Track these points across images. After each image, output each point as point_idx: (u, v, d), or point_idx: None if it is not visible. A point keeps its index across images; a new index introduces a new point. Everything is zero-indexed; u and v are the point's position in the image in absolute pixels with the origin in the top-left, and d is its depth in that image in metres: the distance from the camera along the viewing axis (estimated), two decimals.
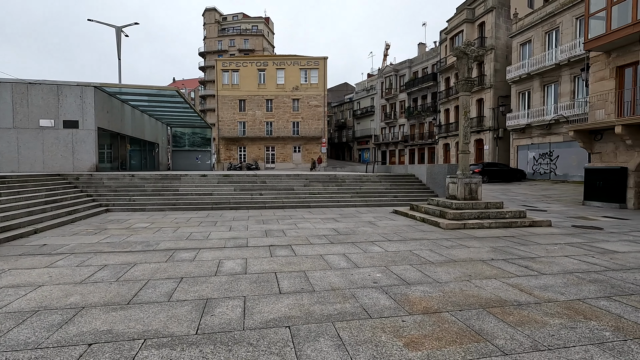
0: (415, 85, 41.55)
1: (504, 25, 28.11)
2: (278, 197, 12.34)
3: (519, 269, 4.77)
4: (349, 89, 68.57)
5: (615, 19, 11.76)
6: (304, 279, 4.28)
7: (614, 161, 12.25)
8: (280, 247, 6.01)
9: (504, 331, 2.92)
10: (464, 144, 9.32)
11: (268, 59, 43.69)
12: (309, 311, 3.31)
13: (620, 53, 12.24)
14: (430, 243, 6.38)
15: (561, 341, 2.76)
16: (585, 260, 5.21)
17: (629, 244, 6.41)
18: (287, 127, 42.18)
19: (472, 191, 9.17)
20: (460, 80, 9.25)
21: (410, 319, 3.15)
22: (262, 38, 66.93)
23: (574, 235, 7.18)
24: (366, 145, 53.67)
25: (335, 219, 9.23)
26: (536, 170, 24.38)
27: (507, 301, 3.59)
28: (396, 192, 13.84)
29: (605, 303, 3.55)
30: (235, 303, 3.49)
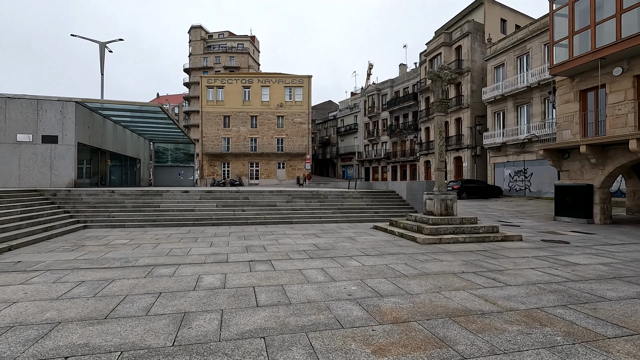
0: (396, 104, 42.76)
1: (479, 49, 29.57)
2: (260, 213, 12.42)
3: (487, 280, 5.03)
4: (333, 107, 69.78)
5: (577, 47, 12.67)
6: (282, 292, 4.40)
7: (581, 179, 12.94)
8: (260, 262, 6.11)
9: (466, 338, 3.13)
10: (440, 162, 9.73)
11: (253, 77, 44.25)
12: (284, 322, 3.44)
13: (582, 78, 13.13)
14: (406, 257, 6.61)
15: (516, 346, 2.98)
16: (549, 272, 5.53)
17: (591, 256, 6.81)
18: (271, 144, 42.42)
19: (448, 207, 9.52)
20: (435, 102, 9.74)
21: (380, 328, 3.32)
22: (248, 56, 67.84)
23: (541, 249, 7.55)
24: (350, 162, 54.36)
25: (316, 235, 9.38)
26: (512, 186, 25.28)
27: (472, 311, 3.81)
28: (377, 208, 14.13)
29: (561, 311, 3.82)
30: (212, 316, 3.59)
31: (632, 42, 10.83)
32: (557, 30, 13.57)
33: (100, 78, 24.08)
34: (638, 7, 10.72)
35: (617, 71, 11.85)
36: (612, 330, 3.31)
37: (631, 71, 11.57)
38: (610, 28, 11.46)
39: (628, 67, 11.64)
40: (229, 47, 68.25)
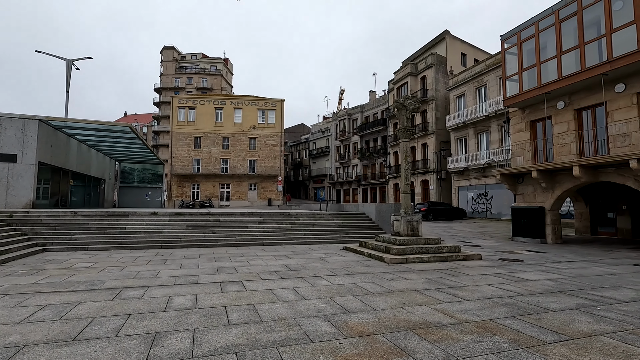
0: (367, 129, 44.25)
1: (442, 80, 31.61)
2: (231, 235, 12.36)
3: (447, 296, 5.39)
4: (306, 130, 70.89)
5: (526, 82, 14.02)
6: (253, 311, 4.52)
7: (534, 201, 13.99)
8: (231, 283, 6.16)
9: (424, 347, 3.41)
10: (406, 185, 10.27)
11: (226, 98, 44.45)
12: (256, 339, 3.57)
13: (532, 110, 14.46)
14: (373, 276, 6.89)
15: (468, 352, 3.30)
16: (503, 288, 5.99)
17: (541, 273, 7.40)
18: (243, 165, 42.25)
19: (414, 228, 10.00)
20: (401, 129, 10.39)
21: (347, 341, 3.54)
22: (221, 78, 68.18)
23: (498, 267, 8.10)
24: (322, 184, 54.93)
25: (287, 256, 9.49)
26: (475, 209, 26.59)
27: (431, 323, 4.12)
28: (347, 229, 14.45)
29: (510, 321, 4.21)
30: (184, 335, 3.66)
31: (571, 80, 12.18)
32: (509, 67, 14.97)
33: (66, 96, 23.39)
34: (575, 50, 12.14)
35: (560, 105, 13.20)
36: (551, 337, 3.71)
37: (572, 105, 12.93)
38: (553, 67, 12.84)
39: (569, 102, 13.00)
40: (202, 68, 68.38)
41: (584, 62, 11.75)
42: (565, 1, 12.47)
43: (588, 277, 6.99)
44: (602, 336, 3.75)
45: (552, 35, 12.89)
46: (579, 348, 3.42)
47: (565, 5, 12.45)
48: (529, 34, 13.80)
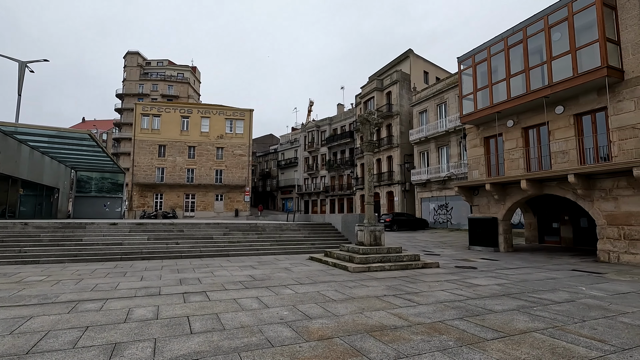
0: (335, 141, 45.07)
1: (406, 95, 33.07)
2: (196, 246, 12.16)
3: (404, 301, 5.72)
4: (274, 140, 70.87)
5: (480, 101, 15.12)
6: (216, 320, 4.58)
7: (488, 212, 14.95)
8: (194, 293, 6.15)
9: (378, 347, 3.67)
10: (369, 196, 10.69)
11: (193, 107, 43.66)
12: (218, 346, 3.67)
13: (485, 127, 15.57)
14: (336, 284, 7.13)
15: (417, 350, 3.59)
16: (455, 293, 6.44)
17: (490, 279, 7.99)
18: (209, 175, 41.43)
19: (377, 238, 10.40)
20: (365, 143, 10.85)
21: (307, 345, 3.72)
22: (188, 86, 66.88)
23: (453, 274, 8.62)
24: (290, 195, 54.91)
25: (252, 267, 9.52)
26: (436, 219, 27.77)
27: (387, 326, 4.40)
28: (314, 240, 14.65)
29: (457, 322, 4.58)
30: (145, 344, 3.67)
31: (519, 101, 13.31)
32: (465, 86, 16.08)
33: (18, 99, 22.03)
34: (522, 74, 13.32)
35: (510, 123, 14.34)
36: (491, 335, 4.10)
37: (520, 124, 14.10)
38: (503, 88, 13.99)
39: (517, 121, 14.16)
40: (168, 75, 66.78)
41: (529, 85, 12.92)
42: (513, 30, 13.71)
43: (531, 282, 7.64)
44: (534, 332, 4.20)
45: (502, 60, 14.08)
46: (514, 343, 3.83)
47: (513, 33, 13.68)
48: (482, 57, 14.97)
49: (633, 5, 10.83)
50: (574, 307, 5.45)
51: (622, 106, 10.92)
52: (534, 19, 12.94)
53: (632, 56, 10.78)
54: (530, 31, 13.07)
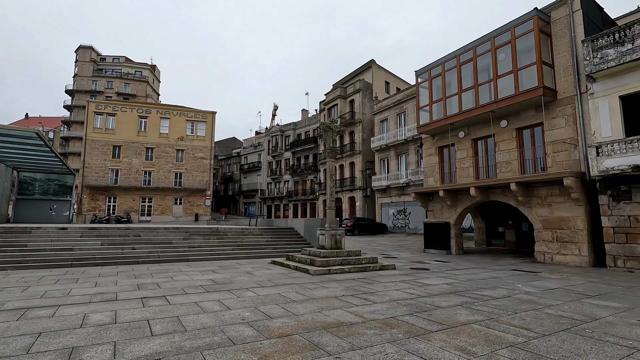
0: (299, 146, 45.36)
1: (368, 104, 34.17)
2: (154, 252, 11.82)
3: (360, 300, 6.07)
4: (237, 144, 69.79)
5: (435, 113, 16.13)
6: (177, 322, 4.64)
7: (441, 217, 15.91)
8: (153, 298, 6.09)
9: (334, 341, 3.95)
10: (331, 201, 11.05)
11: (151, 107, 41.99)
12: (180, 346, 3.76)
13: (440, 137, 16.61)
14: (298, 287, 7.35)
15: (369, 343, 3.92)
16: (408, 292, 6.91)
17: (441, 279, 8.61)
18: (168, 178, 39.96)
19: (337, 241, 10.76)
20: (327, 149, 11.23)
21: (267, 342, 3.92)
22: (147, 84, 64.15)
23: (408, 275, 9.17)
24: (252, 199, 54.27)
25: (214, 271, 9.49)
26: (395, 224, 28.87)
27: (343, 323, 4.70)
28: (276, 244, 14.76)
29: (407, 317, 5.00)
30: (104, 347, 3.68)
31: (469, 114, 14.39)
32: (422, 98, 17.07)
33: None
34: (472, 89, 14.43)
35: (461, 134, 15.44)
36: (436, 327, 4.54)
37: (470, 135, 15.22)
38: (456, 102, 15.05)
39: (468, 132, 15.28)
40: (125, 73, 63.66)
41: (478, 100, 14.03)
42: (465, 48, 14.84)
43: (476, 281, 8.34)
44: (473, 324, 4.70)
45: (455, 75, 15.16)
46: (454, 333, 4.28)
47: (465, 51, 14.81)
48: (438, 72, 16.01)
49: (564, 33, 12.21)
50: (509, 302, 6.09)
51: (555, 122, 12.23)
52: (483, 39, 14.11)
53: (563, 78, 12.14)
54: (479, 50, 14.24)
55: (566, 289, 7.42)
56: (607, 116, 10.81)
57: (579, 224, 11.27)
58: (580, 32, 11.76)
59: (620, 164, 9.98)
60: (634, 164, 9.66)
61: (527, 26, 12.56)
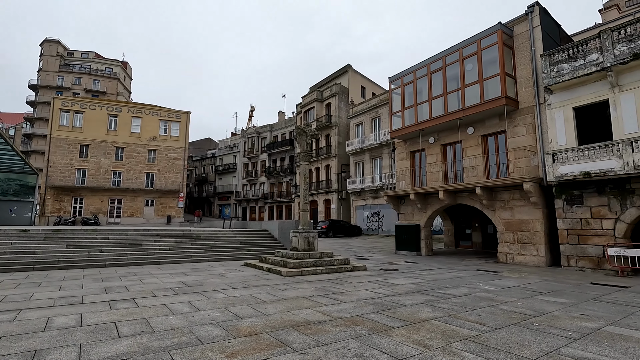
0: (275, 148, 45.26)
1: (344, 108, 34.66)
2: (122, 254, 11.55)
3: (330, 300, 6.27)
4: (213, 145, 68.67)
5: (407, 119, 16.67)
6: (145, 324, 4.65)
7: (412, 219, 16.43)
8: (121, 301, 6.03)
9: (301, 339, 4.12)
10: (304, 204, 11.22)
11: (123, 105, 40.65)
12: (148, 346, 3.81)
13: (411, 142, 17.17)
14: (269, 288, 7.46)
15: (334, 339, 4.11)
16: (376, 291, 7.18)
17: (409, 279, 8.96)
18: (139, 179, 38.77)
19: (310, 243, 10.93)
20: (301, 153, 11.40)
21: (235, 341, 4.03)
22: (117, 82, 61.97)
23: (378, 275, 9.47)
24: (227, 201, 53.54)
25: (185, 274, 9.41)
26: (369, 226, 29.40)
27: (311, 321, 4.87)
28: (250, 246, 14.75)
29: (372, 315, 5.23)
30: (69, 350, 3.67)
31: (438, 121, 14.99)
32: (395, 104, 17.59)
33: None
34: (441, 97, 15.04)
35: (431, 140, 16.04)
36: (398, 324, 4.80)
37: (439, 141, 15.84)
38: (426, 108, 15.63)
39: (438, 138, 15.90)
40: (95, 69, 61.24)
41: (447, 107, 14.65)
42: (435, 57, 15.46)
43: (441, 280, 8.74)
44: (433, 320, 5.00)
45: (426, 83, 15.76)
46: (415, 329, 4.55)
47: (435, 60, 15.43)
48: (410, 79, 16.57)
49: (525, 47, 13.01)
50: (469, 300, 6.48)
51: (517, 131, 12.99)
52: (452, 49, 14.77)
53: (524, 89, 12.92)
54: (448, 60, 14.88)
55: (522, 287, 7.94)
56: (562, 126, 11.61)
57: (537, 226, 12.01)
58: (539, 47, 12.57)
59: (573, 171, 10.75)
60: (584, 170, 10.45)
61: (492, 39, 13.28)
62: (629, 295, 7.09)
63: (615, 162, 9.83)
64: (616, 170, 9.79)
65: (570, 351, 3.81)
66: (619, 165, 9.75)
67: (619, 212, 10.25)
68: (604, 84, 10.69)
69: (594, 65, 10.62)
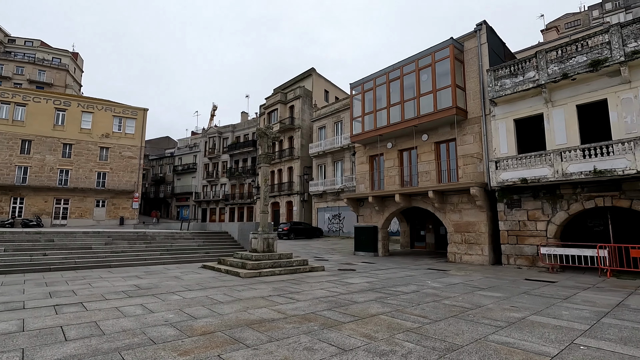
0: (237, 149, 44.58)
1: (308, 111, 35.00)
2: (69, 258, 10.94)
3: (286, 299, 6.45)
4: (172, 144, 66.14)
5: (367, 124, 17.28)
6: (95, 327, 4.57)
7: (371, 221, 17.02)
8: (68, 305, 5.81)
9: (255, 336, 4.27)
10: (264, 206, 11.31)
11: (72, 99, 38.07)
12: (97, 348, 3.77)
13: (370, 147, 17.81)
14: (226, 289, 7.49)
15: (287, 335, 4.31)
16: (331, 290, 7.46)
17: (364, 278, 9.36)
18: (90, 178, 36.46)
19: (270, 245, 11.04)
20: (262, 155, 11.49)
21: (189, 340, 4.10)
22: (66, 74, 57.83)
23: (335, 275, 9.79)
24: (186, 202, 51.80)
25: (138, 277, 9.14)
26: (330, 228, 29.89)
27: (266, 319, 5.03)
28: (209, 248, 14.52)
29: (326, 312, 5.49)
30: (11, 355, 3.56)
31: (396, 127, 15.71)
32: (355, 110, 18.16)
33: None
34: (399, 105, 15.79)
35: (389, 145, 16.76)
36: (349, 319, 5.10)
37: (397, 146, 16.59)
38: (385, 115, 16.31)
39: (395, 143, 16.65)
40: (40, 58, 56.71)
41: (404, 115, 15.41)
42: (393, 67, 16.20)
43: (394, 279, 9.23)
44: (381, 315, 5.35)
45: (385, 91, 16.46)
46: (363, 323, 4.87)
47: (393, 69, 16.18)
48: (370, 86, 17.21)
49: (474, 62, 14.06)
50: (416, 296, 6.95)
51: (466, 139, 13.97)
52: (409, 60, 15.57)
53: (472, 101, 13.94)
54: (405, 70, 15.67)
55: (466, 283, 8.61)
56: (504, 136, 12.69)
57: (482, 227, 12.99)
58: (486, 62, 13.65)
59: (512, 177, 11.79)
60: (522, 177, 11.50)
61: (444, 52, 14.20)
62: (555, 289, 7.97)
63: (547, 170, 10.94)
64: (548, 177, 10.90)
65: (496, 337, 4.30)
66: (550, 173, 10.86)
67: (550, 215, 11.40)
68: (539, 99, 11.86)
69: (531, 82, 11.75)
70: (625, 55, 9.92)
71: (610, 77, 10.48)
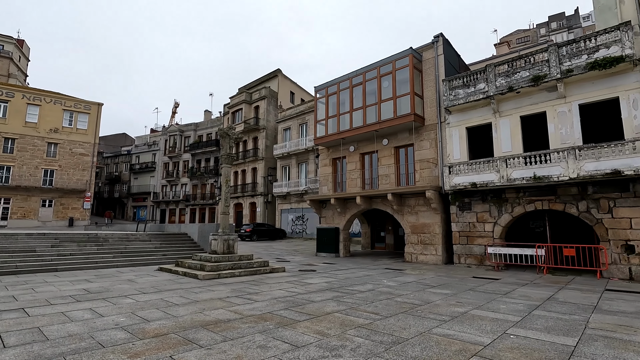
0: (199, 148, 43.38)
1: (273, 112, 34.86)
2: (10, 261, 10.17)
3: (244, 300, 6.49)
4: (129, 141, 62.98)
5: (330, 127, 17.59)
6: (38, 332, 4.36)
7: (333, 223, 17.32)
8: (8, 311, 5.47)
9: (209, 336, 4.30)
10: (225, 207, 11.20)
11: (15, 89, 35.14)
12: (39, 354, 3.63)
13: (333, 150, 18.15)
14: (183, 291, 7.37)
15: (242, 334, 4.38)
16: (290, 290, 7.58)
17: (323, 278, 9.56)
18: (35, 176, 33.82)
19: (230, 246, 10.94)
20: (223, 155, 11.38)
21: (140, 342, 4.05)
22: (9, 61, 53.21)
23: (295, 276, 9.91)
24: (144, 203, 49.51)
25: (88, 280, 8.72)
26: (294, 229, 29.96)
27: (221, 320, 5.06)
28: (166, 250, 14.08)
29: (282, 312, 5.61)
30: None
31: (358, 131, 16.15)
32: (319, 113, 18.42)
33: None
34: (361, 109, 16.24)
35: (352, 148, 17.18)
36: (304, 317, 5.25)
37: (359, 150, 17.05)
38: (348, 119, 16.70)
39: (357, 147, 17.10)
40: None
41: (366, 119, 15.88)
42: (356, 72, 16.65)
43: (352, 279, 9.52)
44: (336, 313, 5.56)
45: (348, 95, 16.86)
46: (318, 321, 5.04)
47: (356, 75, 16.62)
48: (334, 90, 17.55)
49: (431, 72, 14.83)
50: (371, 294, 7.25)
51: (423, 144, 14.68)
52: (371, 67, 16.08)
53: (429, 108, 14.68)
54: (368, 76, 16.17)
55: (419, 282, 9.08)
56: (457, 142, 13.49)
57: (436, 229, 13.70)
58: (442, 73, 14.44)
59: (464, 181, 12.57)
60: (472, 181, 12.30)
61: (404, 61, 14.84)
62: (498, 285, 8.63)
63: (494, 176, 11.79)
64: (495, 182, 11.75)
65: (439, 330, 4.64)
66: (497, 178, 11.71)
67: (497, 217, 12.28)
68: (488, 110, 12.75)
69: (481, 93, 12.61)
70: (561, 72, 10.96)
71: (549, 92, 11.52)
